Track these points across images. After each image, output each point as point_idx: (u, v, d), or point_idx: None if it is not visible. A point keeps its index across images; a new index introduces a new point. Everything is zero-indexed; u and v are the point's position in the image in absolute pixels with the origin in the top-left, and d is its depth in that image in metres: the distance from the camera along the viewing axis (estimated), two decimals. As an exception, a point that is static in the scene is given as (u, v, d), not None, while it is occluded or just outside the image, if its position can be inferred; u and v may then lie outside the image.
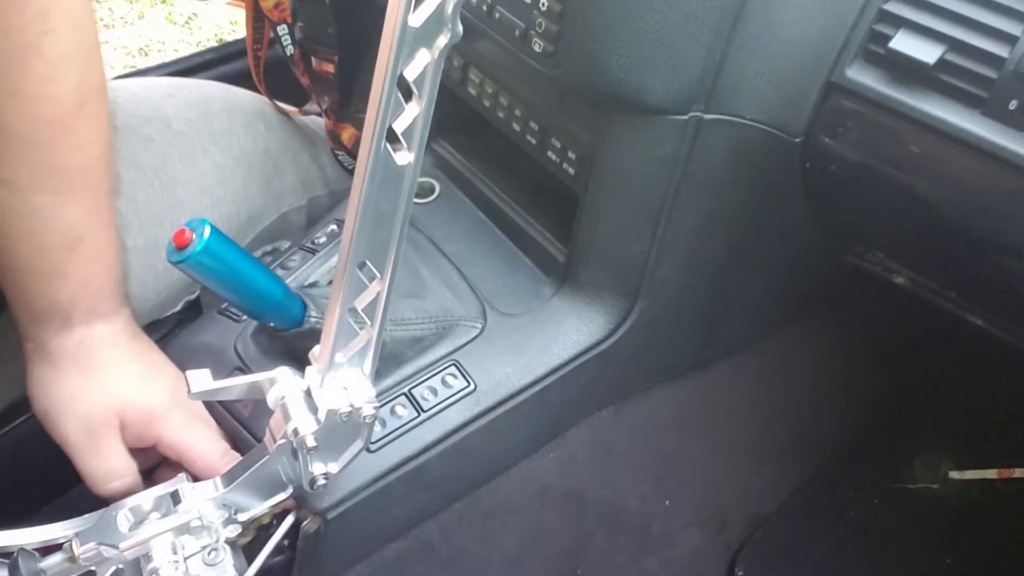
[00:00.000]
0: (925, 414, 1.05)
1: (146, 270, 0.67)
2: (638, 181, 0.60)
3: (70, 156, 0.51)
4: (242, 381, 0.50)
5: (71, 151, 0.51)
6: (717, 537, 0.91)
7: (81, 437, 0.54)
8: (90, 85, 0.51)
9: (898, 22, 0.51)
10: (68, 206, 0.52)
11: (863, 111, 0.54)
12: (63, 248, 0.52)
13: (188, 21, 2.18)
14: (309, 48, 0.80)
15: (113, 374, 0.55)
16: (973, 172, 0.51)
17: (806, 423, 0.97)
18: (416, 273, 0.69)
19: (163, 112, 0.72)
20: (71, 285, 0.53)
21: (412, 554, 0.66)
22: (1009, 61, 0.47)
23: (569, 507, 0.76)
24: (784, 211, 0.66)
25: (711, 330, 0.77)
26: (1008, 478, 0.99)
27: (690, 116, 0.56)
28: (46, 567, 0.47)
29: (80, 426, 0.54)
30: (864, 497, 1.00)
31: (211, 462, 0.56)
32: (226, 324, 0.66)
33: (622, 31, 0.52)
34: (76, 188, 0.52)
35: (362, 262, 0.43)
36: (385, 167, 0.39)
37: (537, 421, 0.68)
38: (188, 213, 0.70)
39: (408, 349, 0.62)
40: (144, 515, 0.49)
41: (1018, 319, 0.61)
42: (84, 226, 0.53)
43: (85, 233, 0.53)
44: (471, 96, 0.73)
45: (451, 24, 0.36)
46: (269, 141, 0.79)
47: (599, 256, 0.65)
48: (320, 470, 0.49)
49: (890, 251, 0.66)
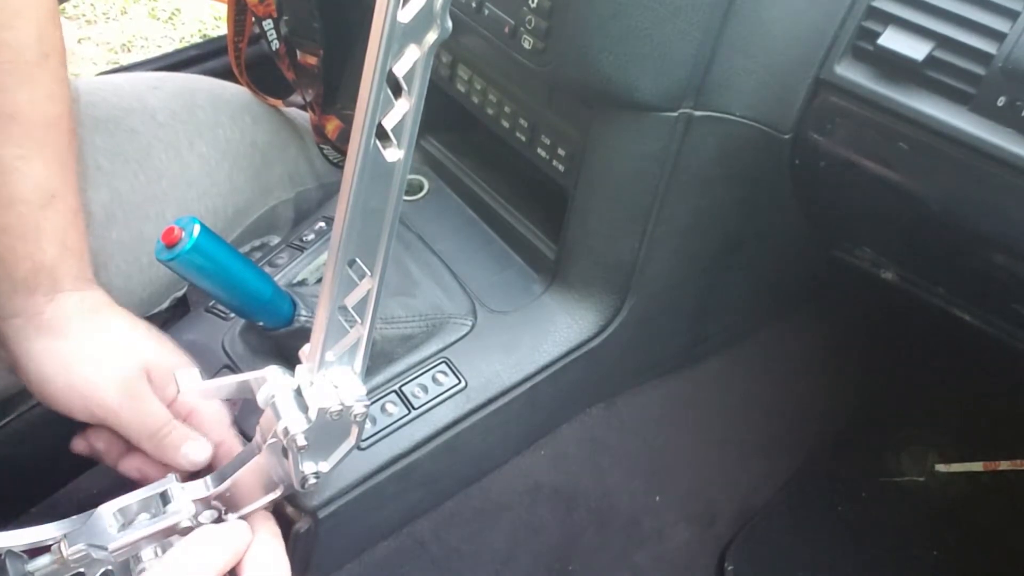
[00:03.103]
0: (911, 408, 1.06)
1: (131, 264, 0.66)
2: (628, 178, 0.60)
3: (32, 109, 0.50)
4: (231, 380, 0.50)
5: (33, 104, 0.50)
6: (707, 531, 0.91)
7: (124, 399, 0.51)
8: (51, 40, 0.51)
9: (887, 19, 0.51)
10: (35, 161, 0.50)
11: (852, 108, 0.54)
12: (36, 205, 0.50)
13: (171, 17, 2.16)
14: (294, 42, 0.80)
15: (128, 330, 0.53)
16: (961, 168, 0.51)
17: (794, 417, 0.98)
18: (406, 271, 0.68)
19: (148, 104, 0.72)
20: (53, 245, 0.51)
21: (404, 552, 0.66)
22: (997, 58, 0.47)
23: (560, 503, 0.76)
24: (773, 208, 0.66)
25: (700, 326, 0.77)
26: (994, 471, 1.00)
27: (680, 113, 0.56)
28: (34, 569, 0.46)
29: (119, 387, 0.51)
30: (851, 490, 1.01)
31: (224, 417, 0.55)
32: (214, 322, 0.65)
33: (612, 28, 0.52)
34: (41, 144, 0.51)
35: (352, 259, 0.42)
36: (375, 164, 0.39)
37: (528, 418, 0.68)
38: (173, 206, 0.70)
39: (398, 347, 0.62)
40: (133, 516, 0.49)
41: (1004, 314, 0.62)
42: (54, 184, 0.51)
43: (56, 191, 0.51)
44: (460, 93, 0.73)
45: (440, 20, 0.36)
46: (256, 134, 0.78)
47: (589, 253, 0.65)
48: (311, 469, 0.49)
49: (878, 247, 0.67)
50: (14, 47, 0.48)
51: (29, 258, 0.50)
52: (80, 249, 0.53)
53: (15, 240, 0.50)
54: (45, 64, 0.50)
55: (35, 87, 0.50)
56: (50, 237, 0.51)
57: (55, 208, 0.51)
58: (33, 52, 0.49)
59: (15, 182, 0.50)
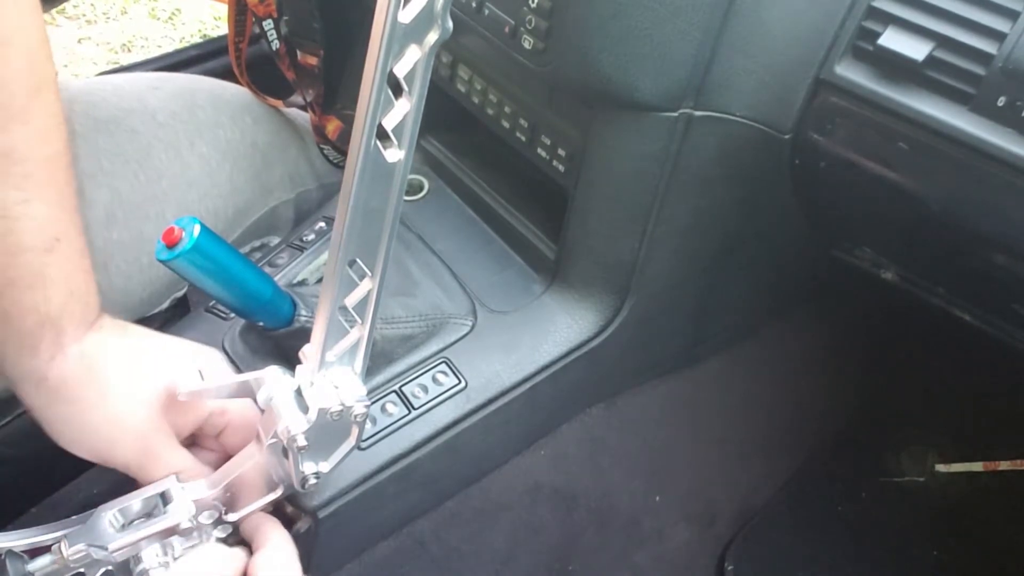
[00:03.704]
0: (912, 408, 1.06)
1: (131, 264, 0.66)
2: (628, 178, 0.60)
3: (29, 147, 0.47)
4: (232, 380, 0.50)
5: (29, 142, 0.47)
6: (707, 531, 0.91)
7: (140, 458, 0.50)
8: (43, 71, 0.47)
9: (887, 19, 0.51)
10: (36, 203, 0.47)
11: (852, 108, 0.54)
12: (40, 251, 0.48)
13: (172, 17, 2.16)
14: (295, 42, 0.80)
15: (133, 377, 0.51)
16: (961, 168, 0.51)
17: (794, 417, 0.98)
18: (406, 271, 0.68)
19: (148, 104, 0.72)
20: (59, 292, 0.48)
21: (404, 552, 0.66)
22: (997, 58, 0.47)
23: (560, 503, 0.76)
24: (773, 207, 0.66)
25: (700, 326, 0.77)
26: (994, 471, 1.00)
27: (680, 113, 0.56)
28: (35, 569, 0.46)
29: (134, 448, 0.50)
30: (851, 490, 1.01)
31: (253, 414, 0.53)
32: (214, 322, 0.65)
33: (612, 28, 0.52)
34: (41, 184, 0.48)
35: (352, 260, 0.42)
36: (375, 164, 0.39)
37: (528, 418, 0.68)
38: (173, 206, 0.70)
39: (398, 347, 0.62)
40: (133, 516, 0.49)
41: (1004, 314, 0.62)
42: (57, 226, 0.49)
43: (60, 234, 0.49)
44: (460, 93, 0.73)
45: (441, 20, 0.36)
46: (256, 134, 0.78)
47: (589, 253, 0.65)
48: (311, 469, 0.49)
49: (878, 247, 0.67)
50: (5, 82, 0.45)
51: (35, 310, 0.48)
52: (86, 291, 0.51)
53: (22, 292, 0.47)
54: (39, 98, 0.47)
55: (30, 124, 0.47)
56: (56, 285, 0.48)
57: (60, 252, 0.48)
58: (25, 86, 0.46)
59: (20, 230, 0.47)
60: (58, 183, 0.49)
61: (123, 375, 0.51)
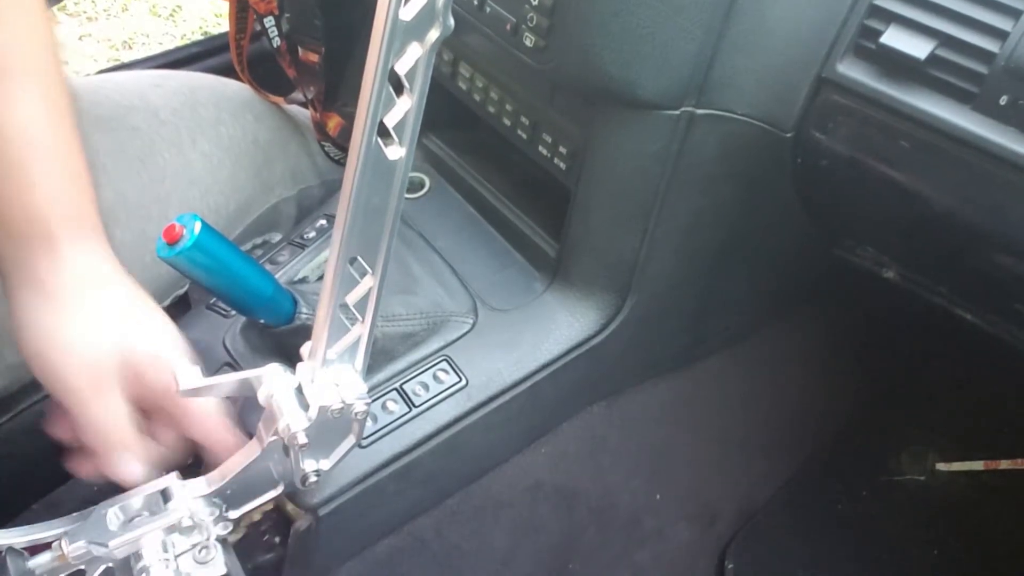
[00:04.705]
0: (912, 407, 1.06)
1: (134, 263, 0.66)
2: (629, 176, 0.60)
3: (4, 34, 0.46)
4: (232, 378, 0.50)
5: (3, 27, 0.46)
6: (707, 531, 0.91)
7: (85, 387, 0.49)
8: None
9: (889, 17, 0.51)
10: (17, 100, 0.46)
11: (854, 106, 0.54)
12: (21, 144, 0.47)
13: (172, 13, 2.16)
14: (296, 39, 0.80)
15: (119, 317, 0.51)
16: (963, 167, 0.51)
17: (795, 417, 0.98)
18: (407, 269, 0.68)
19: (150, 102, 0.71)
20: (41, 191, 0.47)
21: (404, 550, 0.66)
22: (1000, 56, 0.47)
23: (561, 502, 0.76)
24: (774, 206, 0.66)
25: (701, 324, 0.77)
26: (994, 470, 1.00)
27: (682, 111, 0.56)
28: (35, 566, 0.46)
29: (87, 375, 0.49)
30: (852, 489, 1.01)
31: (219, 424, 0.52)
32: (215, 320, 0.65)
33: (614, 26, 0.52)
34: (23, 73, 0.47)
35: (353, 257, 0.42)
36: (376, 162, 0.39)
37: (529, 416, 0.68)
38: (176, 204, 0.70)
39: (399, 345, 0.62)
40: (134, 513, 0.49)
41: (1006, 314, 0.61)
42: (40, 125, 0.47)
43: (43, 133, 0.48)
44: (461, 91, 0.73)
45: (442, 17, 0.36)
46: (258, 131, 0.78)
47: (590, 251, 0.65)
48: (311, 467, 0.49)
49: (880, 246, 0.67)
50: None
51: (19, 204, 0.47)
52: (76, 197, 0.50)
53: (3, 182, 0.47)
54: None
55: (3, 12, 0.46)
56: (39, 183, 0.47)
57: (43, 153, 0.48)
58: None
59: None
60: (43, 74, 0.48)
61: (113, 310, 0.51)
